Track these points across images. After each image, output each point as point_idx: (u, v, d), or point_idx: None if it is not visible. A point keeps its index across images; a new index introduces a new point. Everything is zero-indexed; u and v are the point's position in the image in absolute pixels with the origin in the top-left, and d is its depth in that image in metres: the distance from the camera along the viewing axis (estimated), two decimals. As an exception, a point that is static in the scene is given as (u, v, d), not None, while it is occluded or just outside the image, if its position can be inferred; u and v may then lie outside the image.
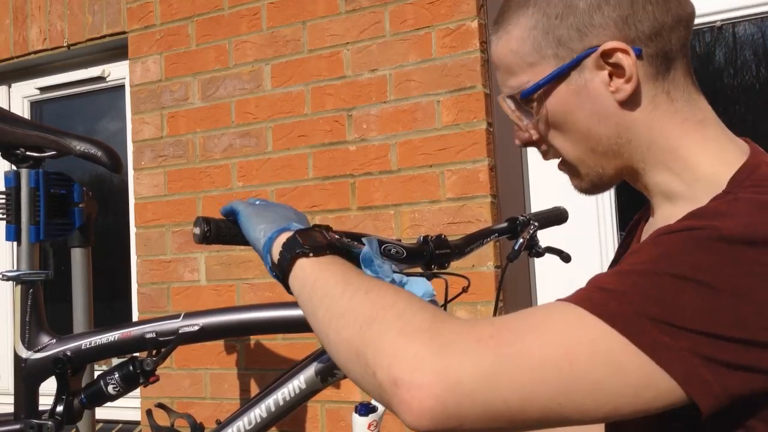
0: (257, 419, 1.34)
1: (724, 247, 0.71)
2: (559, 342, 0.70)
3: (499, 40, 0.92)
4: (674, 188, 0.88)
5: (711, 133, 0.88)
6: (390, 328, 0.72)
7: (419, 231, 2.22)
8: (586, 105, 0.87)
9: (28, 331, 1.55)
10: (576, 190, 0.97)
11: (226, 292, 2.56)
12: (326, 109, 2.43)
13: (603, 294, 0.72)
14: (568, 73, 0.87)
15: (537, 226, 1.42)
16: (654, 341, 0.69)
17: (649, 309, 0.70)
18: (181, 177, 2.67)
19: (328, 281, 0.84)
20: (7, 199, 1.59)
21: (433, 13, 2.28)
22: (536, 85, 0.89)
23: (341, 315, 0.79)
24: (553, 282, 2.18)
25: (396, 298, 0.77)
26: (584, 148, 0.90)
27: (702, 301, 0.69)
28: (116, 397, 1.45)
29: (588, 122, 0.88)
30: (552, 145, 0.93)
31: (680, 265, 0.71)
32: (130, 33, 2.80)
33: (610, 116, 0.87)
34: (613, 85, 0.85)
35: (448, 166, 2.23)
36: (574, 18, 0.85)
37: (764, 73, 2.18)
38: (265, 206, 1.04)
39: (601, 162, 0.90)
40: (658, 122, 0.87)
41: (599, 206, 2.14)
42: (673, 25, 0.85)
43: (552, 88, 0.88)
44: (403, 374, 0.69)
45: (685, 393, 0.69)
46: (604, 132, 0.88)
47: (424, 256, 1.21)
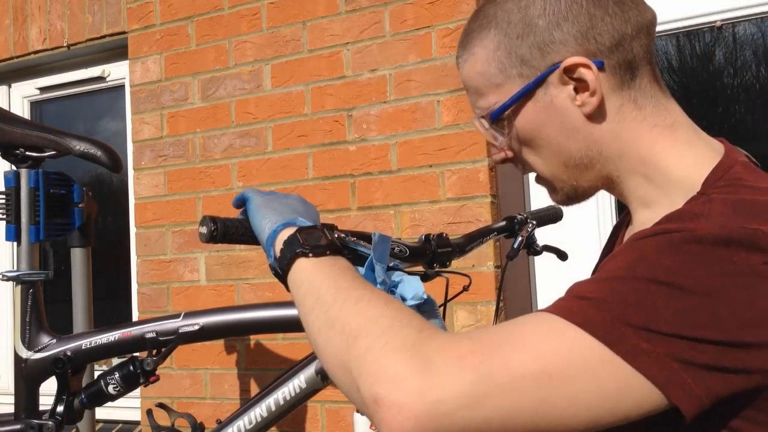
0: (258, 418, 1.34)
1: (697, 249, 0.71)
2: (537, 354, 0.70)
3: (465, 63, 0.94)
4: (649, 194, 0.88)
5: (682, 136, 0.88)
6: (374, 344, 0.72)
7: (419, 231, 2.22)
8: (554, 121, 0.88)
9: (28, 331, 1.55)
10: (555, 203, 0.98)
11: (226, 292, 2.56)
12: (326, 109, 2.43)
13: (581, 303, 0.72)
14: (533, 91, 0.88)
15: (535, 224, 1.43)
16: (633, 348, 0.69)
17: (627, 315, 0.70)
18: (181, 177, 2.67)
19: (321, 286, 0.84)
20: (6, 199, 1.60)
21: (433, 13, 2.28)
22: (503, 106, 0.90)
23: (330, 325, 0.79)
24: (553, 282, 2.18)
25: (383, 311, 0.76)
26: (556, 163, 0.91)
27: (678, 304, 0.69)
28: (116, 397, 1.45)
29: (557, 138, 0.89)
30: (526, 162, 0.95)
31: (655, 269, 0.71)
32: (130, 33, 2.80)
33: (578, 130, 0.88)
34: (579, 99, 0.86)
35: (448, 166, 2.23)
36: (534, 36, 0.86)
37: (764, 73, 2.18)
38: (276, 197, 1.03)
39: (574, 175, 0.91)
40: (627, 131, 0.87)
41: (599, 206, 2.14)
42: (634, 35, 0.86)
43: (520, 107, 0.89)
44: (384, 393, 0.69)
45: (667, 398, 0.69)
46: (574, 146, 0.89)
47: (427, 255, 1.22)
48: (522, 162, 0.95)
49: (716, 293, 0.69)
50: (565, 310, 0.73)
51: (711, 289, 0.69)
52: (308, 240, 0.89)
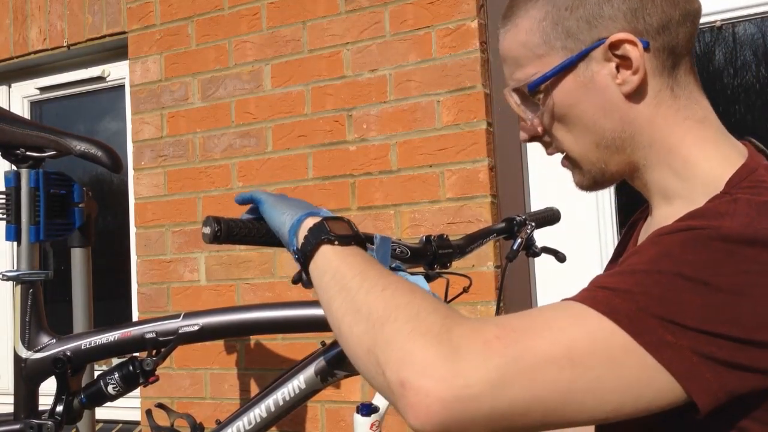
0: (257, 419, 1.34)
1: (723, 246, 0.71)
2: (562, 340, 0.70)
3: (507, 33, 0.92)
4: (672, 187, 0.88)
5: (710, 133, 0.88)
6: (401, 329, 0.73)
7: (419, 231, 2.22)
8: (592, 97, 0.87)
9: (28, 331, 1.55)
10: (577, 186, 0.97)
11: (226, 292, 2.56)
12: (326, 109, 2.43)
13: (606, 292, 0.73)
14: (576, 65, 0.87)
15: (534, 226, 1.43)
16: (658, 339, 0.69)
17: (652, 307, 0.70)
18: (181, 177, 2.67)
19: (347, 273, 0.84)
20: (7, 199, 1.59)
21: (433, 13, 2.28)
22: (544, 77, 0.88)
23: (356, 310, 0.79)
24: (553, 282, 2.18)
25: (410, 298, 0.77)
26: (588, 143, 0.90)
27: (702, 299, 0.70)
28: (116, 397, 1.45)
29: (593, 115, 0.88)
30: (556, 139, 0.93)
31: (680, 264, 0.71)
32: (130, 33, 2.80)
33: (615, 109, 0.87)
34: (620, 77, 0.86)
35: (448, 166, 2.23)
36: (584, 10, 0.86)
37: (764, 73, 2.18)
38: (286, 197, 1.05)
39: (604, 157, 0.90)
40: (661, 118, 0.87)
41: (599, 206, 2.14)
42: (681, 20, 0.86)
43: (559, 79, 0.88)
44: (412, 377, 0.70)
45: (685, 391, 0.69)
46: (609, 125, 0.88)
47: (428, 256, 1.22)
48: (552, 138, 0.94)
49: (740, 291, 0.70)
50: (590, 299, 0.73)
51: (735, 287, 0.70)
52: (335, 228, 0.90)
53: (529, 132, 0.95)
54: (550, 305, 0.76)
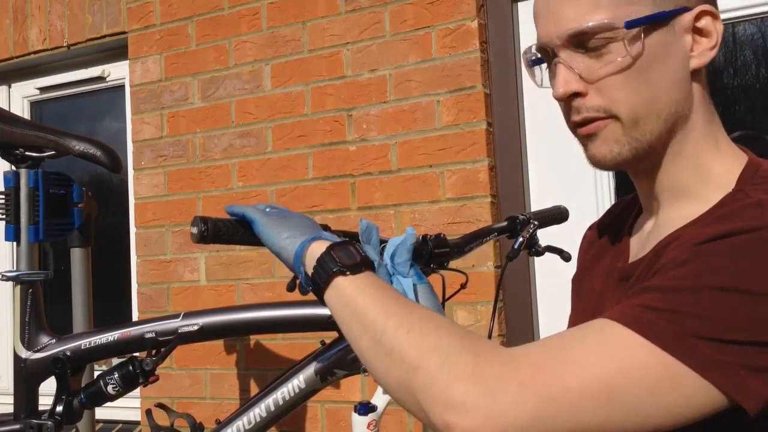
0: (257, 419, 1.34)
1: (763, 250, 0.72)
2: (598, 373, 0.71)
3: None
4: (689, 184, 0.88)
5: (721, 134, 0.89)
6: (437, 375, 0.74)
7: (419, 231, 2.21)
8: (671, 60, 0.85)
9: (27, 331, 1.55)
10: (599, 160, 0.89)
11: (226, 292, 2.56)
12: (326, 109, 2.43)
13: (649, 314, 0.73)
14: (668, 21, 0.84)
15: (537, 225, 1.42)
16: (704, 359, 0.70)
17: (695, 327, 0.70)
18: (181, 177, 2.67)
19: (368, 311, 0.84)
20: (6, 199, 1.59)
21: (433, 13, 2.28)
22: (647, 18, 0.83)
23: (387, 353, 0.80)
24: (553, 282, 2.18)
25: (437, 339, 0.77)
26: (651, 108, 0.85)
27: (745, 309, 0.70)
28: (116, 397, 1.45)
29: (667, 79, 0.85)
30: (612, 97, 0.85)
31: (722, 276, 0.71)
32: (130, 33, 2.80)
33: (684, 81, 0.86)
34: (697, 49, 0.85)
35: (448, 166, 2.23)
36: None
37: (764, 73, 2.18)
38: (280, 213, 1.03)
39: (659, 130, 0.86)
40: (703, 108, 0.88)
41: (599, 206, 2.14)
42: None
43: (651, 29, 0.83)
44: (455, 420, 0.72)
45: (733, 402, 0.70)
46: (675, 96, 0.85)
47: (423, 256, 1.21)
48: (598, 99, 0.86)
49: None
50: (635, 321, 0.73)
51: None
52: (343, 257, 0.89)
53: (573, 87, 0.86)
54: (587, 328, 0.76)
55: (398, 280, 1.05)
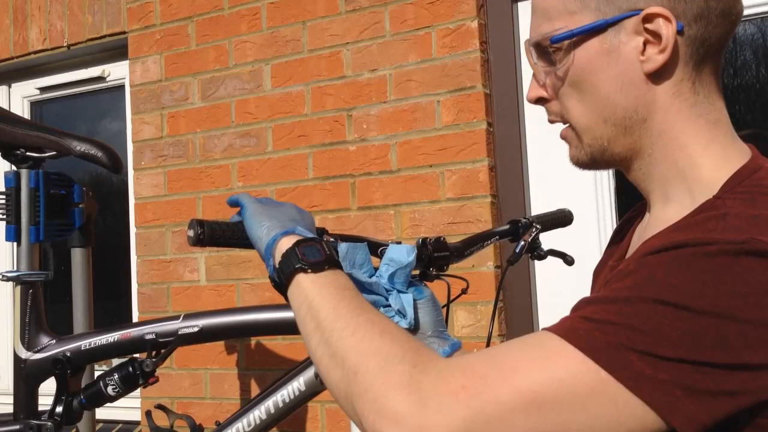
0: (256, 421, 1.34)
1: (706, 265, 0.69)
2: (528, 386, 0.70)
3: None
4: (673, 186, 0.86)
5: (720, 135, 0.86)
6: (372, 382, 0.74)
7: (419, 231, 2.22)
8: (612, 68, 0.84)
9: (27, 331, 1.55)
10: (571, 161, 0.93)
11: (226, 292, 2.56)
12: (326, 109, 2.43)
13: (588, 325, 0.71)
14: (605, 30, 0.84)
15: (539, 229, 1.41)
16: (636, 374, 0.68)
17: (632, 340, 0.68)
18: (181, 177, 2.67)
19: (321, 309, 0.84)
20: (7, 200, 1.59)
21: (433, 13, 2.28)
22: (570, 33, 0.85)
23: (331, 355, 0.80)
24: (553, 282, 2.18)
25: (379, 344, 0.77)
26: (597, 115, 0.87)
27: (684, 325, 0.68)
28: (116, 398, 1.45)
29: (609, 87, 0.85)
30: (564, 105, 0.89)
31: (663, 289, 0.70)
32: (130, 33, 2.80)
33: (632, 86, 0.84)
34: (646, 54, 0.83)
35: (448, 166, 2.23)
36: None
37: (764, 73, 2.17)
38: (271, 204, 1.03)
39: (610, 135, 0.87)
40: (676, 109, 0.85)
41: (599, 206, 2.14)
42: (720, 16, 0.83)
43: (583, 40, 0.85)
44: (386, 429, 0.72)
45: (668, 424, 0.68)
46: (623, 102, 0.85)
47: (422, 259, 1.21)
48: (559, 104, 0.90)
49: (725, 313, 0.67)
50: (571, 332, 0.72)
51: (720, 309, 0.68)
52: (306, 254, 0.89)
53: (538, 93, 0.91)
54: (523, 341, 0.75)
55: (397, 295, 1.05)
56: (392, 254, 1.07)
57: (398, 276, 1.05)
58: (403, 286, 1.06)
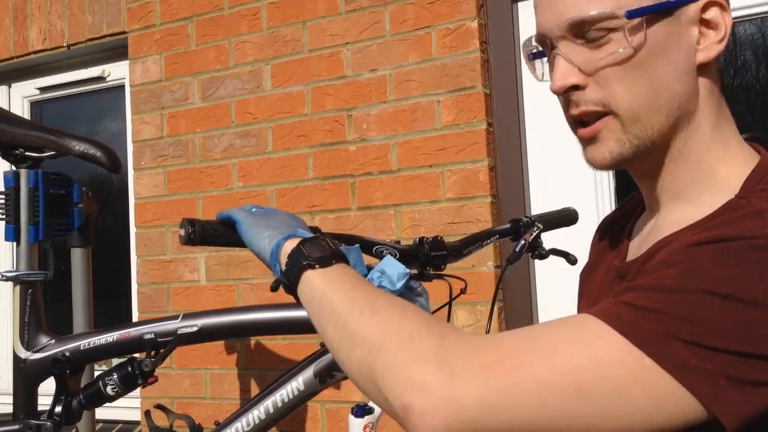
0: (255, 421, 1.34)
1: (756, 257, 0.69)
2: (566, 366, 0.69)
3: None
4: (690, 185, 0.85)
5: (733, 134, 0.85)
6: (397, 356, 0.72)
7: (419, 231, 2.22)
8: (674, 53, 0.81)
9: (27, 331, 1.55)
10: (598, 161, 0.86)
11: (226, 292, 2.56)
12: (326, 109, 2.43)
13: (631, 312, 0.70)
14: (672, 11, 0.81)
15: (540, 228, 1.40)
16: (681, 363, 0.67)
17: (677, 328, 0.68)
18: (181, 177, 2.67)
19: (335, 298, 0.83)
20: (6, 200, 1.59)
21: (433, 13, 2.28)
22: (645, 8, 0.80)
23: (350, 338, 0.79)
24: (553, 282, 2.17)
25: (401, 323, 0.76)
26: (652, 102, 0.82)
27: (732, 316, 0.67)
28: (115, 397, 1.44)
29: (670, 73, 0.81)
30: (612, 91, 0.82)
31: (710, 280, 0.69)
32: (130, 33, 2.80)
33: (688, 75, 0.82)
34: (703, 42, 0.81)
35: (448, 166, 2.23)
36: None
37: (764, 73, 2.17)
38: (265, 214, 1.03)
39: (661, 125, 0.82)
40: (711, 106, 0.84)
41: (599, 207, 2.14)
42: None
43: (654, 20, 0.80)
44: (413, 401, 0.70)
45: (711, 413, 0.68)
46: (678, 90, 0.82)
47: (419, 258, 1.20)
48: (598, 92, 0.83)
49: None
50: (613, 317, 0.70)
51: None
52: (312, 251, 0.88)
53: (570, 79, 0.83)
54: (562, 321, 0.74)
55: None
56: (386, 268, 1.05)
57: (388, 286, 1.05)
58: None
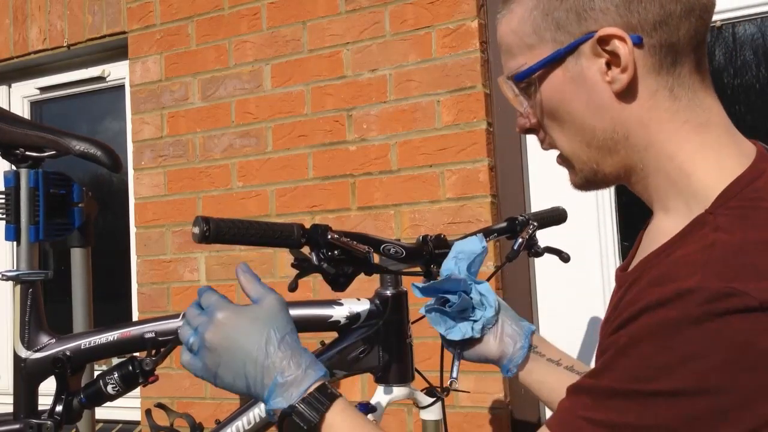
0: (256, 419, 1.34)
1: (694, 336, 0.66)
2: None
3: (503, 19, 0.89)
4: (669, 197, 0.83)
5: (711, 138, 0.82)
6: None
7: (419, 231, 2.22)
8: (581, 94, 0.83)
9: (27, 331, 1.55)
10: (571, 185, 0.94)
11: (226, 292, 2.54)
12: (326, 109, 2.43)
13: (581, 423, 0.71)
14: (564, 59, 0.83)
15: (536, 226, 1.42)
16: None
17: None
18: (181, 177, 2.67)
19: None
20: (6, 199, 1.59)
21: (433, 13, 2.28)
22: (531, 69, 0.85)
23: None
24: (553, 282, 2.18)
25: None
26: (579, 141, 0.86)
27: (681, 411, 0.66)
28: (115, 397, 1.44)
29: (583, 113, 0.84)
30: (549, 135, 0.90)
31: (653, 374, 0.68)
32: (130, 33, 2.80)
33: (605, 108, 0.83)
34: (610, 74, 0.81)
35: (448, 166, 2.23)
36: (575, 0, 0.81)
37: (764, 73, 2.17)
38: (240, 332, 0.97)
39: (596, 157, 0.86)
40: (656, 121, 0.82)
41: (599, 206, 2.14)
42: (683, 15, 0.80)
43: (547, 73, 0.85)
44: None
45: None
46: (599, 125, 0.84)
47: (424, 256, 1.21)
48: (544, 133, 0.91)
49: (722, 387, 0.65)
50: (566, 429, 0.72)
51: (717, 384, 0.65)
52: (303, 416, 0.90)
53: (522, 124, 0.91)
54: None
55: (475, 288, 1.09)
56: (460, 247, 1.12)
57: (475, 265, 1.10)
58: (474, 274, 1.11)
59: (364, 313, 1.35)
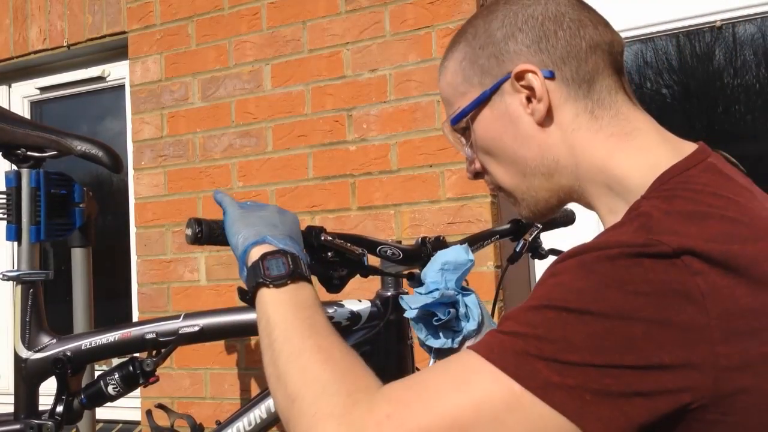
0: (257, 420, 1.34)
1: (608, 268, 0.70)
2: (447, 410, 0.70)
3: (440, 76, 0.99)
4: (611, 202, 0.88)
5: (640, 142, 0.87)
6: (307, 411, 0.76)
7: (419, 231, 2.22)
8: (508, 129, 0.92)
9: (28, 331, 1.55)
10: (521, 218, 1.01)
11: (226, 292, 2.56)
12: (326, 109, 2.43)
13: (501, 338, 0.72)
14: (490, 98, 0.92)
15: (540, 228, 1.42)
16: (544, 382, 0.68)
17: (539, 348, 0.69)
18: (181, 177, 2.67)
19: (275, 328, 0.87)
20: (7, 199, 1.60)
21: (433, 13, 2.28)
22: (462, 112, 0.94)
23: (276, 377, 0.83)
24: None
25: (319, 373, 0.79)
26: (515, 173, 0.94)
27: (587, 329, 0.68)
28: (116, 397, 1.45)
29: (512, 146, 0.92)
30: (490, 173, 0.97)
31: (568, 295, 0.70)
32: (130, 33, 2.80)
33: (531, 138, 0.90)
34: (530, 107, 0.89)
35: (448, 166, 2.23)
36: (493, 47, 0.92)
37: (764, 73, 2.18)
38: (251, 209, 1.04)
39: (534, 185, 0.93)
40: (580, 140, 0.89)
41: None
42: (589, 50, 0.89)
43: (477, 113, 0.94)
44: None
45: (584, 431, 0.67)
46: (529, 154, 0.91)
47: (422, 258, 1.21)
48: (487, 174, 0.98)
49: (630, 315, 0.68)
50: (486, 347, 0.73)
51: (624, 311, 0.68)
52: (270, 268, 0.91)
53: (472, 169, 1.00)
54: (449, 360, 0.76)
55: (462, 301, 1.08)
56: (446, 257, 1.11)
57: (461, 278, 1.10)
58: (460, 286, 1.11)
59: (365, 314, 1.36)
